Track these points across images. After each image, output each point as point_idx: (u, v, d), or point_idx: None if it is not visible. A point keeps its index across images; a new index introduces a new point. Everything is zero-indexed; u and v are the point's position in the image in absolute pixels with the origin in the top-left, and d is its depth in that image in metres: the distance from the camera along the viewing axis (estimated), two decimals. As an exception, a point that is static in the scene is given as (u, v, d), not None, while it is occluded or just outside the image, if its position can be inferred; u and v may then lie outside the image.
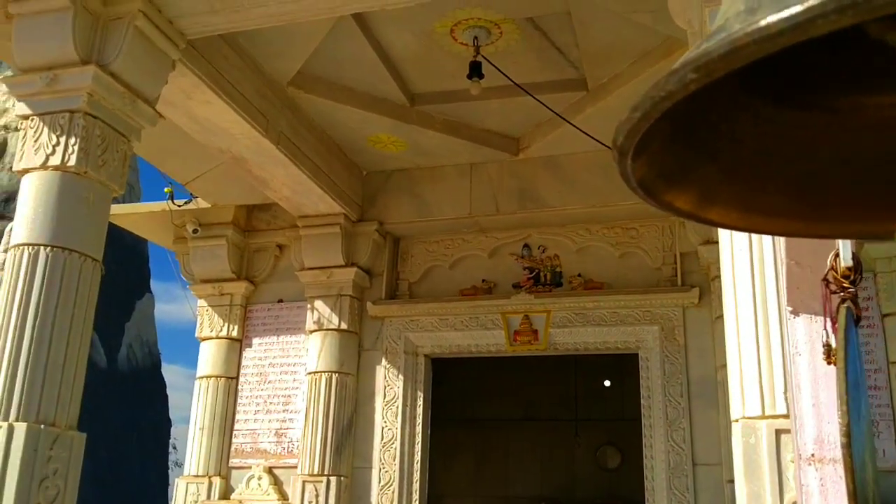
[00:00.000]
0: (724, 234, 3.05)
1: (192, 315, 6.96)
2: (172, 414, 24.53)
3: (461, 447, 9.63)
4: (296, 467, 6.37)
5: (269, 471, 6.44)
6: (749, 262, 2.89)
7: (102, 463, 18.93)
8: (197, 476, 6.50)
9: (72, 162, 3.81)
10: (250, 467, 6.48)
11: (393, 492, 6.17)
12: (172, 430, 24.39)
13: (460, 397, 8.45)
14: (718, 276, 5.79)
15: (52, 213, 3.79)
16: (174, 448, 27.97)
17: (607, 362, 10.00)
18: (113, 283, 20.84)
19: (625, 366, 10.16)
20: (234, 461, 6.59)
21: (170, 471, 24.37)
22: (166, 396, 24.05)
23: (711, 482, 5.56)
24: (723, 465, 5.53)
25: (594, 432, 9.84)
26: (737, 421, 2.83)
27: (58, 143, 3.82)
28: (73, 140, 3.83)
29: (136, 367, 22.07)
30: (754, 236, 2.81)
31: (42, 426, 3.54)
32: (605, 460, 9.97)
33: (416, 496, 6.18)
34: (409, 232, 6.71)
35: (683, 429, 5.68)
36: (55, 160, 3.81)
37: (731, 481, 5.30)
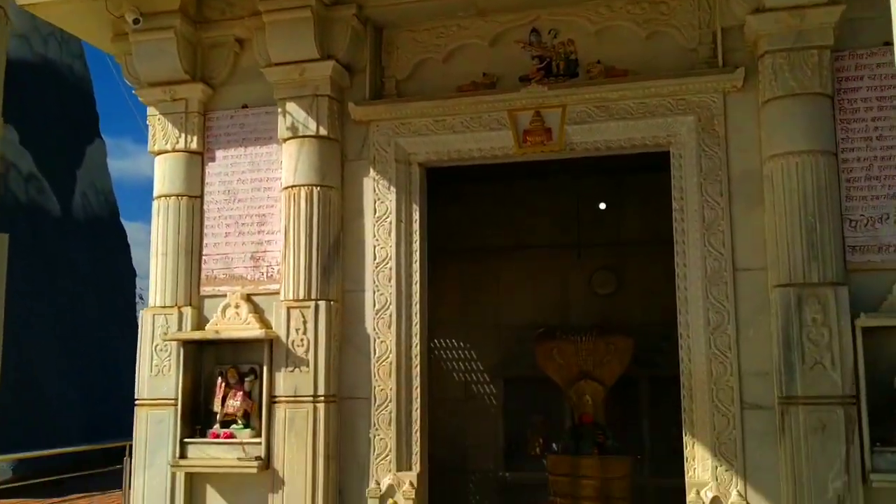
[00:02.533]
0: None
1: (149, 169, 5.94)
2: (137, 270, 23.67)
3: (451, 277, 8.97)
4: (278, 293, 5.58)
5: (248, 298, 5.64)
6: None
7: (66, 314, 18.17)
8: (164, 307, 5.69)
9: None
10: (225, 295, 5.67)
11: (390, 315, 5.44)
12: (137, 281, 23.60)
13: (450, 227, 7.64)
14: (768, 52, 4.94)
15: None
16: (140, 299, 27.37)
17: (606, 185, 9.31)
18: (59, 125, 19.35)
19: (624, 188, 9.49)
20: (205, 289, 5.77)
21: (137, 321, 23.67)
22: (128, 246, 23.06)
23: (754, 289, 4.91)
24: (767, 270, 4.87)
25: (589, 257, 9.24)
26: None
27: None
28: None
29: (93, 215, 20.92)
30: None
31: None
32: (600, 286, 9.44)
33: (416, 319, 5.46)
34: (394, 17, 5.65)
35: (723, 231, 4.96)
36: None
37: (779, 286, 4.64)
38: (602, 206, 9.37)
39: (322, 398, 5.33)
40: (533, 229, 9.52)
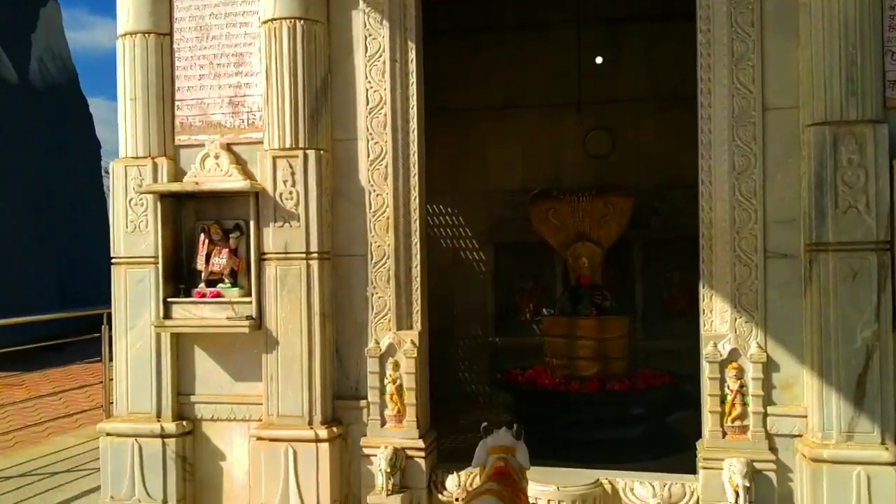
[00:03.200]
0: None
1: (107, 41, 5.26)
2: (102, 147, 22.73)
3: (436, 141, 8.45)
4: (261, 143, 5.11)
5: (228, 148, 5.17)
6: None
7: (31, 187, 17.45)
8: (137, 158, 5.21)
9: None
10: (202, 145, 5.19)
11: (386, 166, 5.01)
12: (102, 152, 22.73)
13: (435, 85, 7.13)
14: None
15: None
16: (107, 173, 26.61)
17: (603, 37, 8.74)
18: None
19: (621, 39, 8.94)
20: (180, 138, 5.27)
21: (106, 194, 23.05)
22: (90, 115, 22.04)
23: (785, 130, 4.53)
24: (800, 108, 4.48)
25: (583, 117, 8.79)
26: None
27: None
28: None
29: (52, 82, 19.84)
30: None
31: None
32: (594, 147, 9.05)
33: (414, 170, 5.04)
34: None
35: (752, 66, 4.53)
36: None
37: (813, 125, 4.27)
38: (598, 60, 8.85)
39: (315, 255, 4.96)
40: (524, 87, 9.02)
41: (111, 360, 5.44)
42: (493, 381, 7.16)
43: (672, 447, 6.27)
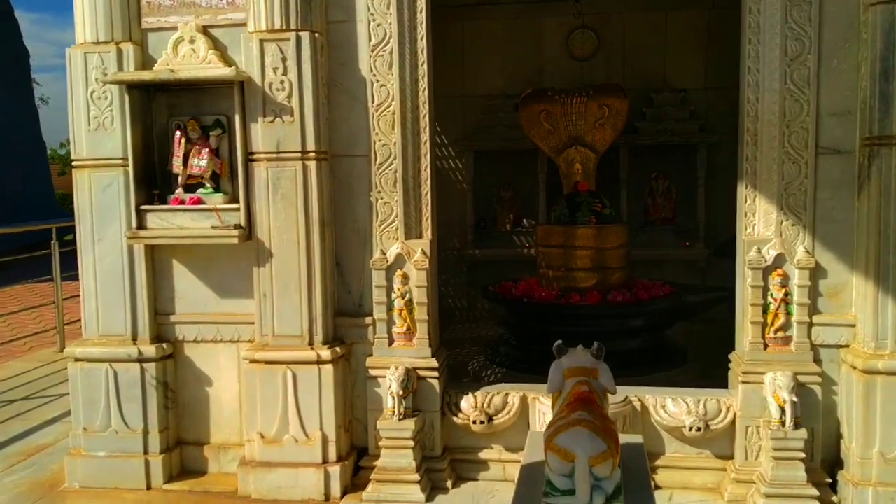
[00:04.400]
0: None
1: None
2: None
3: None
4: (244, 24, 4.43)
5: (205, 31, 4.47)
6: None
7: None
8: (98, 43, 4.48)
9: None
10: (175, 27, 4.48)
11: (391, 52, 4.39)
12: (33, 63, 21.04)
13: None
14: None
15: None
16: (38, 84, 24.98)
17: None
18: None
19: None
20: (148, 20, 4.54)
21: (38, 108, 21.47)
22: (15, 23, 20.33)
23: (844, 9, 4.08)
24: (865, -14, 4.01)
25: (564, 15, 8.22)
26: None
27: None
28: None
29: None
30: None
31: None
32: (578, 48, 8.50)
33: (422, 57, 4.44)
34: None
35: (810, -62, 4.01)
36: None
37: (879, 3, 3.81)
38: (582, -47, 8.20)
39: (312, 154, 4.36)
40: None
41: (67, 279, 4.79)
42: (485, 294, 6.73)
43: (674, 360, 6.04)
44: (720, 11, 7.97)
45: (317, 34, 4.34)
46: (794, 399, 4.02)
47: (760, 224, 4.23)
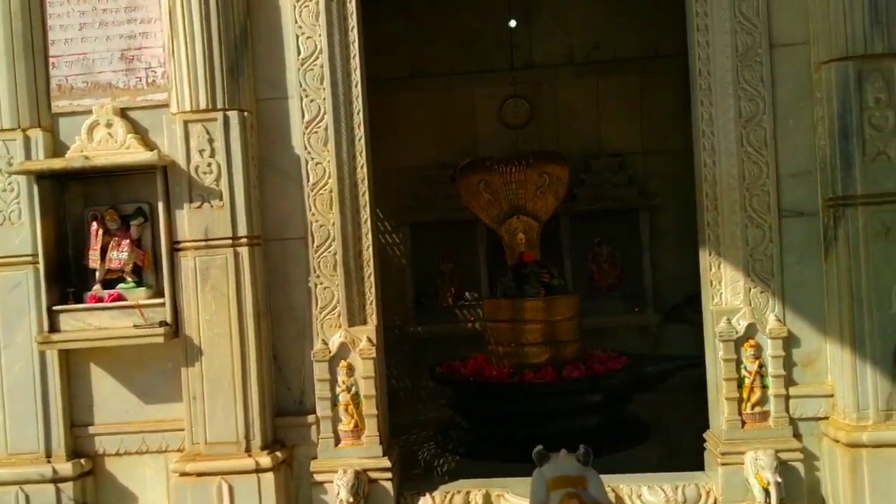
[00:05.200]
0: None
1: None
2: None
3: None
4: (166, 105, 4.09)
5: (123, 114, 4.11)
6: None
7: None
8: (2, 130, 4.06)
9: None
10: (89, 111, 4.10)
11: (326, 128, 4.10)
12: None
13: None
14: None
15: None
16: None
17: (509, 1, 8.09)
18: None
19: (532, 2, 8.30)
20: (59, 104, 4.15)
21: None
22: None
23: (796, 69, 3.96)
24: (811, 43, 3.92)
25: (498, 85, 8.16)
26: None
27: None
28: None
29: None
30: None
31: None
32: (511, 116, 8.41)
33: (359, 132, 4.16)
34: None
35: (757, -3, 3.91)
36: None
37: (833, 61, 3.70)
38: (512, 23, 8.18)
39: (244, 239, 4.00)
40: (432, 56, 8.26)
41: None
42: (432, 376, 6.36)
43: (636, 436, 5.75)
44: (651, 76, 7.99)
45: (246, 112, 4.02)
46: (779, 479, 3.74)
47: (728, 293, 4.01)
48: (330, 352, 4.09)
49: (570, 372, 5.82)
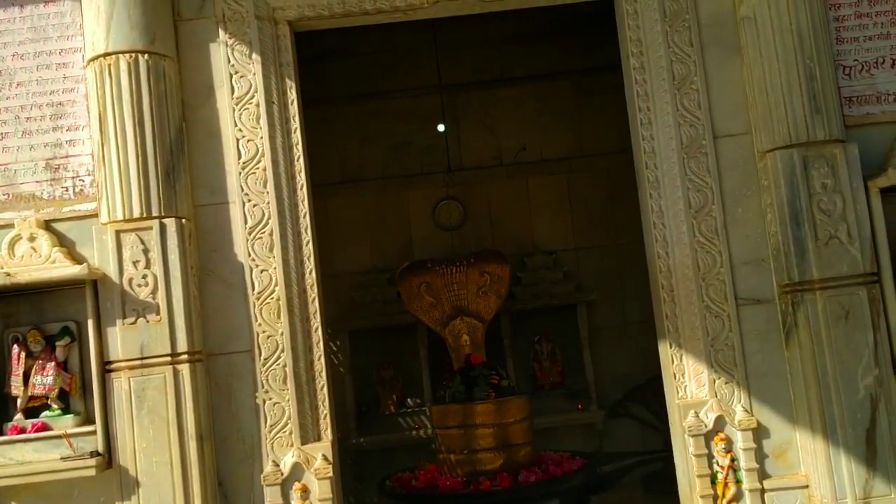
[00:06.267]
0: None
1: None
2: None
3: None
4: (95, 215, 3.84)
5: (47, 226, 3.84)
6: None
7: None
8: None
9: None
10: (11, 225, 3.82)
11: (271, 233, 3.92)
12: None
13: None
14: None
15: None
16: None
17: (443, 105, 8.17)
18: None
19: (460, 108, 8.41)
20: (-23, 218, 3.87)
21: None
22: None
23: (739, 158, 4.00)
24: (753, 133, 3.97)
25: (430, 187, 8.16)
26: None
27: None
28: None
29: None
30: None
31: None
32: (445, 218, 8.37)
33: (306, 236, 4.00)
34: None
35: (696, 90, 3.98)
36: None
37: (778, 149, 3.76)
38: (441, 127, 8.25)
39: (184, 356, 3.70)
40: (362, 161, 8.23)
41: None
42: (381, 490, 6.02)
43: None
44: (577, 175, 8.12)
45: (183, 220, 3.80)
46: (764, 581, 3.56)
47: (692, 385, 3.91)
48: (282, 474, 3.77)
49: (527, 477, 5.60)
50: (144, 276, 3.70)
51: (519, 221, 8.18)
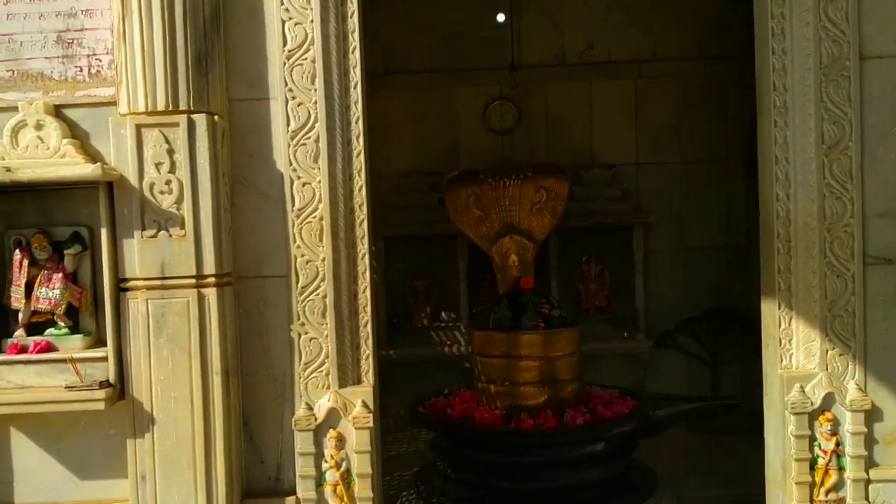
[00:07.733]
0: None
1: None
2: None
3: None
4: (113, 103, 3.23)
5: (57, 112, 3.24)
6: None
7: None
8: None
9: None
10: (15, 108, 3.23)
11: (317, 140, 3.31)
12: None
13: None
14: None
15: None
16: None
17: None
18: None
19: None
20: (-26, 98, 3.28)
21: None
22: None
23: (889, 84, 3.29)
24: (911, 58, 3.26)
25: (481, 85, 7.47)
26: None
27: None
28: None
29: None
30: None
31: None
32: (496, 120, 7.70)
33: (357, 144, 3.37)
34: None
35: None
36: None
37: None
38: (501, 17, 7.48)
39: (211, 279, 3.17)
40: (412, 50, 7.51)
41: None
42: (413, 416, 5.61)
43: (643, 488, 5.11)
44: (647, 81, 7.40)
45: (216, 116, 3.19)
46: (863, 585, 3.09)
47: (800, 354, 3.34)
48: (316, 419, 3.29)
49: (574, 418, 5.13)
50: (168, 182, 3.12)
51: (577, 129, 7.55)
